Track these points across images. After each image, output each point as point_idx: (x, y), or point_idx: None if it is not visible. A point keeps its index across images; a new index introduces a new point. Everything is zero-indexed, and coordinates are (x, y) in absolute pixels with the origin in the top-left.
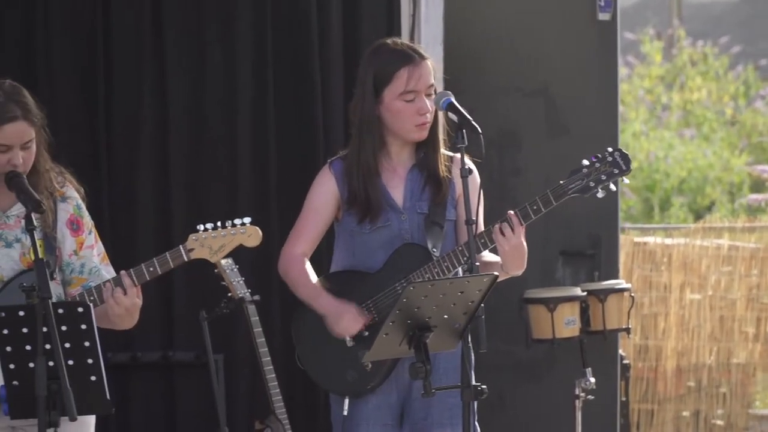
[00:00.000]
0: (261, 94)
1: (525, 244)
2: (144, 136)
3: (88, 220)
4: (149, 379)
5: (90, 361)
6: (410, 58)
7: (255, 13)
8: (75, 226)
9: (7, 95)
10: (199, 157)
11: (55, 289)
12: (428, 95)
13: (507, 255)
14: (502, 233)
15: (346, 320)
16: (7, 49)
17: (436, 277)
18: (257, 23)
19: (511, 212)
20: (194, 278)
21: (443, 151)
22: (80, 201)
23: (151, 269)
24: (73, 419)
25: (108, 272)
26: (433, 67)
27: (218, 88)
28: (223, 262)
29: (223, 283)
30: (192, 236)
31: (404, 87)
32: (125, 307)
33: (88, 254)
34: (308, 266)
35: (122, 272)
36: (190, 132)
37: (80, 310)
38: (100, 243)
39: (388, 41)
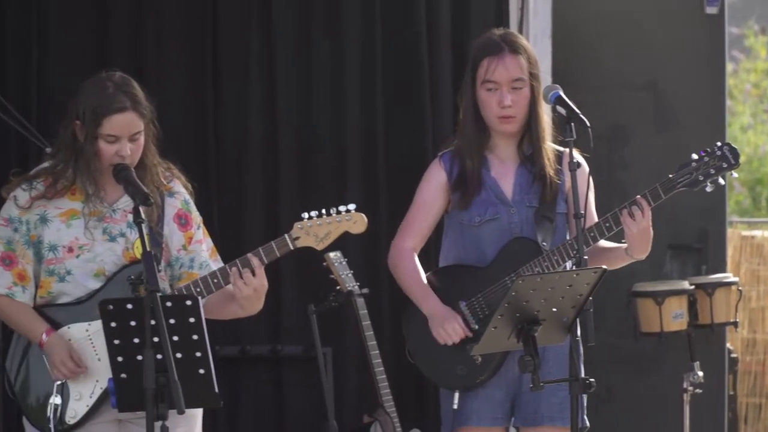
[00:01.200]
0: (369, 87)
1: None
2: (252, 130)
3: (196, 216)
4: (258, 373)
5: (198, 354)
6: (496, 48)
7: (363, 6)
8: (183, 221)
9: (117, 86)
10: (308, 151)
11: (162, 284)
12: (514, 89)
13: (635, 238)
14: (631, 216)
15: (448, 329)
16: (117, 45)
17: (546, 271)
18: (365, 17)
19: (639, 196)
20: (303, 271)
21: (550, 145)
22: (188, 196)
23: (257, 259)
24: (181, 412)
25: (217, 267)
26: (531, 62)
27: (326, 81)
28: (331, 255)
29: (332, 276)
30: (297, 224)
31: (484, 76)
32: (254, 287)
33: (197, 249)
34: (417, 262)
35: (249, 254)
36: (298, 125)
37: (188, 303)
38: (209, 238)
39: (497, 30)
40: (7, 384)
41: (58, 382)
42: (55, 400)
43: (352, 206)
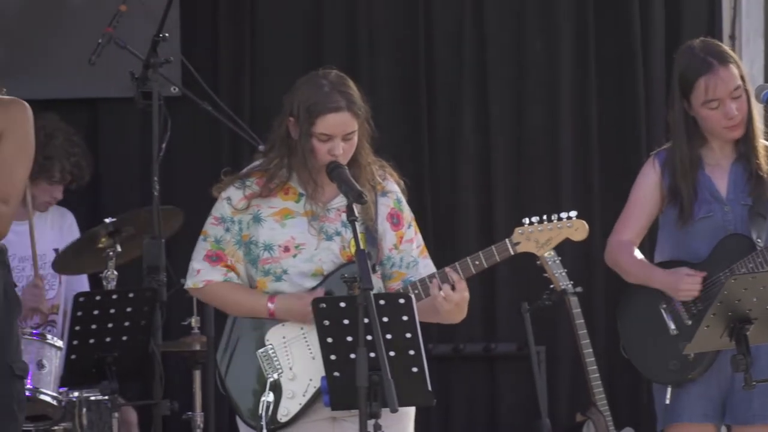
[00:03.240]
0: (582, 88)
1: None
2: (464, 131)
3: (407, 214)
4: (471, 371)
5: (411, 352)
6: (708, 66)
7: (576, 5)
8: (395, 220)
9: (333, 85)
10: (521, 151)
11: (376, 283)
12: (735, 98)
13: None
14: None
15: (684, 283)
16: (330, 43)
17: (759, 268)
18: (578, 16)
19: None
20: (517, 270)
21: (762, 142)
22: (400, 195)
23: (477, 263)
24: (394, 411)
25: (425, 265)
26: (738, 65)
27: (539, 80)
28: (545, 254)
29: (546, 275)
30: (518, 230)
31: (704, 97)
32: (455, 302)
33: (407, 248)
34: (637, 251)
35: (447, 268)
36: (511, 125)
37: (402, 301)
38: (419, 235)
39: (696, 43)
40: (218, 380)
41: (271, 380)
42: (268, 397)
43: (573, 213)
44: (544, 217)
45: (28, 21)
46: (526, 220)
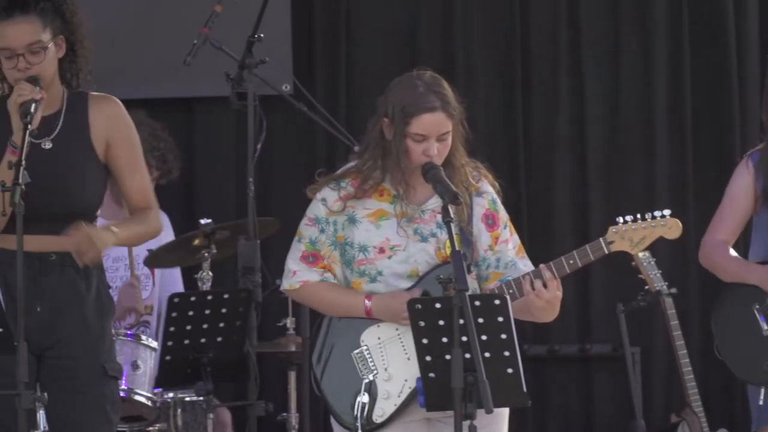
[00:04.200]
0: (677, 86)
1: None
2: (560, 129)
3: (503, 215)
4: (566, 372)
5: (507, 353)
6: None
7: (670, 5)
8: (490, 221)
9: (428, 85)
10: (615, 151)
11: (471, 284)
12: None
13: None
14: None
15: None
16: (425, 45)
17: None
18: (673, 14)
19: None
20: (611, 271)
21: None
22: (495, 195)
23: (571, 262)
24: (489, 412)
25: (524, 265)
26: None
27: (634, 81)
28: (640, 254)
29: (641, 275)
30: (612, 229)
31: None
32: (546, 299)
33: (503, 249)
34: (732, 250)
35: (542, 266)
36: (605, 124)
37: (497, 302)
38: (515, 236)
39: None
40: (313, 381)
41: (366, 381)
42: (363, 398)
43: (667, 212)
44: (638, 215)
45: (124, 22)
46: (620, 219)
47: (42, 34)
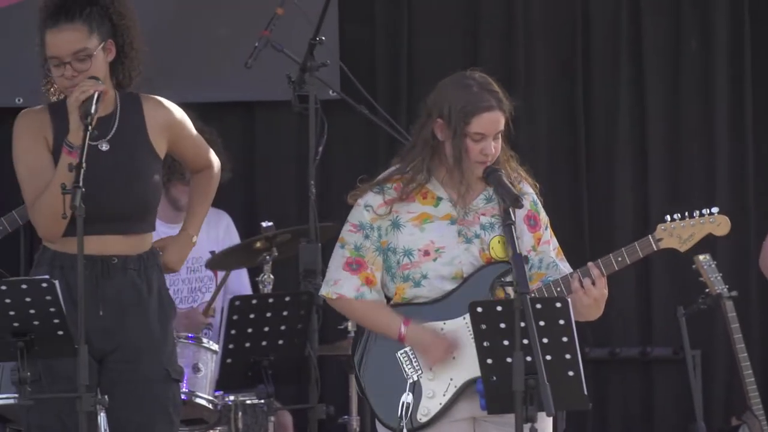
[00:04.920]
0: (737, 83)
1: None
2: (621, 126)
3: (544, 216)
4: (627, 374)
5: (568, 356)
6: None
7: (732, 5)
8: (532, 222)
9: (481, 85)
10: (676, 150)
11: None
12: None
13: None
14: None
15: None
16: (486, 45)
17: None
18: (734, 16)
19: None
20: (673, 274)
21: None
22: (536, 197)
23: (620, 259)
24: (550, 414)
25: (565, 267)
26: None
27: (694, 81)
28: (701, 257)
29: (701, 278)
30: (660, 226)
31: None
32: (594, 297)
33: (545, 249)
34: None
35: (590, 264)
36: (666, 121)
37: (558, 305)
38: (554, 238)
39: None
40: (356, 383)
41: (411, 381)
42: (407, 398)
43: (715, 209)
44: (686, 213)
45: (184, 24)
46: (668, 217)
47: (88, 41)
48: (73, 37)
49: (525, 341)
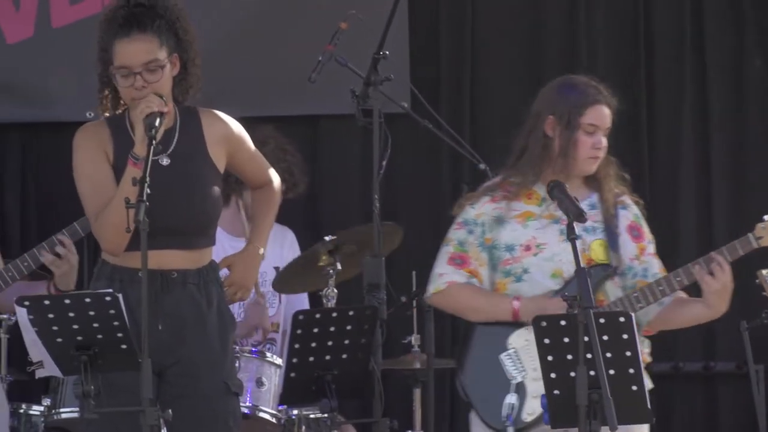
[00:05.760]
0: None
1: None
2: (684, 141)
3: (647, 232)
4: (690, 389)
5: (631, 370)
6: None
7: None
8: (635, 233)
9: (588, 83)
10: (741, 157)
11: (614, 291)
12: None
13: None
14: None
15: None
16: (548, 56)
17: None
18: None
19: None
20: (736, 288)
21: None
22: (639, 212)
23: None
24: (613, 429)
25: None
26: None
27: (758, 97)
28: (764, 272)
29: (765, 293)
30: (760, 225)
31: None
32: (723, 282)
33: (650, 260)
34: None
35: (712, 253)
36: (730, 136)
37: (622, 319)
38: (660, 261)
39: None
40: (459, 388)
41: (515, 382)
42: (512, 399)
43: None
44: None
45: (249, 39)
46: (766, 217)
47: (159, 53)
48: (145, 47)
49: (588, 355)
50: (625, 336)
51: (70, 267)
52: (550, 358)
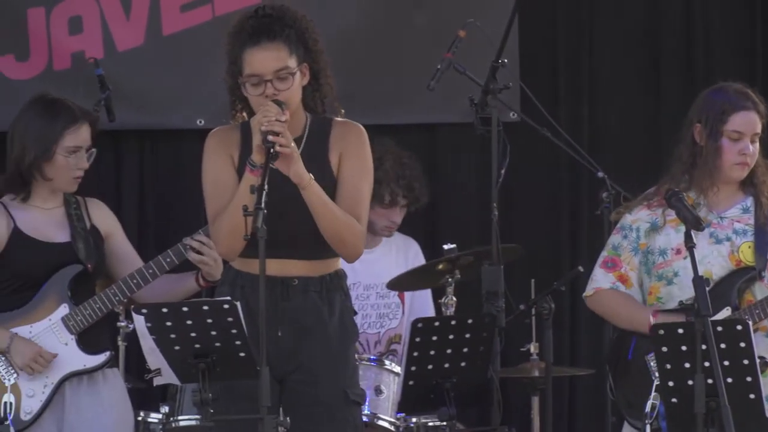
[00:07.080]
0: None
1: None
2: None
3: None
4: None
5: (749, 378)
6: None
7: None
8: None
9: (737, 90)
10: None
11: (763, 293)
12: None
13: None
14: None
15: None
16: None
17: None
18: None
19: None
20: None
21: None
22: None
23: None
24: None
25: None
26: None
27: None
28: None
29: None
30: None
31: None
32: None
33: None
34: None
35: None
36: None
37: (739, 327)
38: None
39: None
40: (609, 388)
41: (657, 383)
42: (654, 399)
43: None
44: None
45: (367, 47)
46: None
47: (289, 61)
48: (275, 55)
49: (706, 364)
50: (742, 344)
51: (213, 260)
52: (668, 366)
